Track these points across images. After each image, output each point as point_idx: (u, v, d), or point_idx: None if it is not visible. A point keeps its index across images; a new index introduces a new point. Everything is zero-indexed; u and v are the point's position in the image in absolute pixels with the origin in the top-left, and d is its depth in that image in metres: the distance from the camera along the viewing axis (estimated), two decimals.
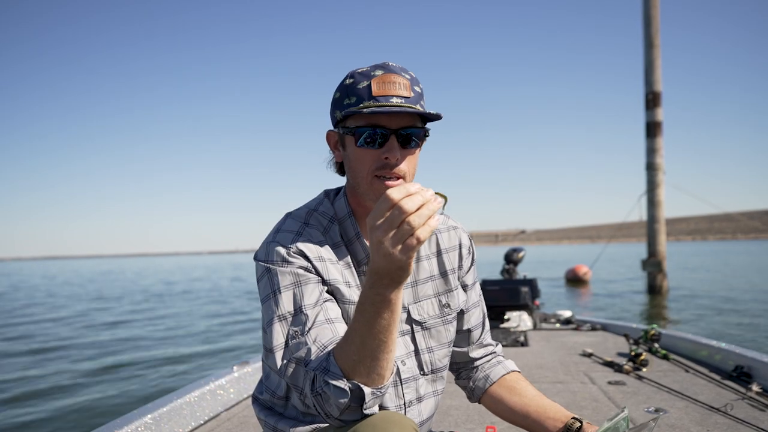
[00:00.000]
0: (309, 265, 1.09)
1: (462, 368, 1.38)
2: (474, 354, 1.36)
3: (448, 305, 1.27)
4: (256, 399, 1.27)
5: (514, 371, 1.35)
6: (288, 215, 1.20)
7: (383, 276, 0.85)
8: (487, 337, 1.39)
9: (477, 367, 1.36)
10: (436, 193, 0.83)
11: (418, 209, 0.80)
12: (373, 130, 1.07)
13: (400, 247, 0.81)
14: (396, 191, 0.81)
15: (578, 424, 1.11)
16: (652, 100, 12.68)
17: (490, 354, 1.38)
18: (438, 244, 1.29)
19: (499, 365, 1.36)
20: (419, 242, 0.81)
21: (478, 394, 1.34)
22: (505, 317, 4.50)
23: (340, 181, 1.25)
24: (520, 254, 5.74)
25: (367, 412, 0.97)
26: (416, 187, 0.81)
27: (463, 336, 1.34)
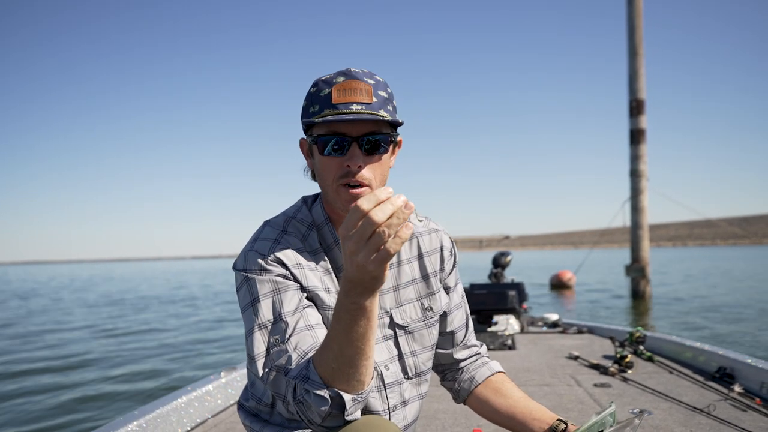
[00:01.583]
0: (287, 272, 1.09)
1: (447, 370, 1.38)
2: (458, 355, 1.36)
3: (431, 308, 1.27)
4: (241, 406, 1.27)
5: (499, 372, 1.36)
6: (266, 223, 1.20)
7: (357, 285, 0.85)
8: (472, 338, 1.39)
9: (462, 368, 1.36)
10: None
11: (388, 219, 0.78)
12: (336, 138, 1.07)
13: (372, 258, 0.80)
14: (366, 201, 0.79)
15: (563, 426, 1.12)
16: (635, 108, 12.89)
17: (475, 355, 1.38)
18: (419, 248, 1.29)
19: (484, 366, 1.36)
20: (390, 254, 0.80)
21: (463, 395, 1.34)
22: (493, 321, 4.53)
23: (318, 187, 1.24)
24: (508, 258, 5.79)
25: (349, 418, 0.98)
26: (386, 194, 0.79)
27: (447, 338, 1.34)
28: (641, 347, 3.49)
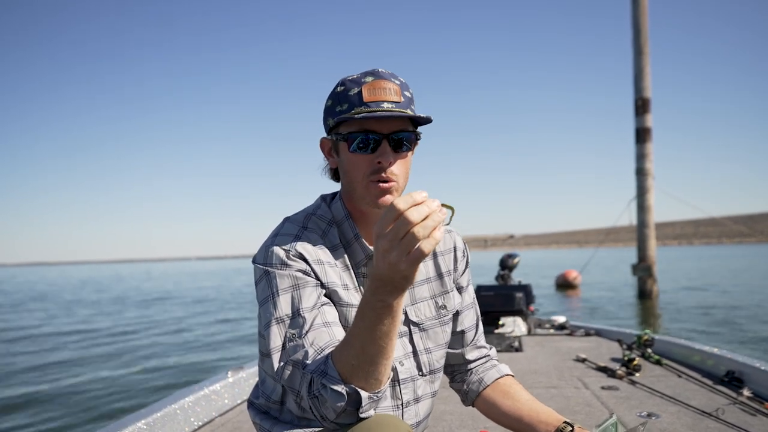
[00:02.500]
0: (307, 268, 1.10)
1: (456, 371, 1.39)
2: (469, 356, 1.37)
3: (445, 306, 1.28)
4: (251, 404, 1.27)
5: (507, 375, 1.36)
6: (286, 219, 1.21)
7: (386, 283, 0.86)
8: (481, 339, 1.40)
9: (471, 370, 1.37)
10: (442, 205, 0.83)
11: (423, 220, 0.80)
12: (366, 135, 1.09)
13: (405, 257, 0.81)
14: (402, 201, 0.81)
15: (570, 429, 1.12)
16: (641, 107, 12.83)
17: (485, 357, 1.39)
18: None
19: (493, 369, 1.37)
20: (423, 254, 0.81)
21: (471, 397, 1.35)
22: (500, 323, 4.51)
23: (335, 187, 1.27)
24: (515, 260, 5.78)
25: (363, 415, 0.98)
26: (422, 196, 0.82)
27: (458, 338, 1.36)
28: (649, 350, 3.47)
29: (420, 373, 1.23)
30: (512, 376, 1.38)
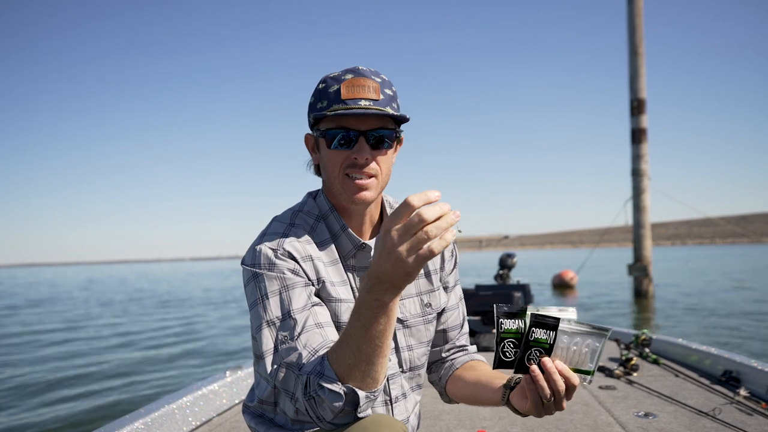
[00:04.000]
0: (296, 266, 1.10)
1: (433, 364, 1.40)
2: (446, 354, 1.38)
3: (430, 305, 1.29)
4: (246, 407, 1.27)
5: (479, 360, 1.36)
6: (274, 219, 1.21)
7: (384, 281, 0.85)
8: (463, 339, 1.40)
9: (447, 361, 1.38)
10: None
11: (436, 219, 0.80)
12: (342, 132, 1.10)
13: (414, 255, 0.81)
14: (417, 197, 0.81)
15: (519, 377, 1.09)
16: (636, 107, 12.87)
17: (463, 351, 1.40)
18: None
19: (466, 355, 1.38)
20: (432, 254, 0.80)
21: (444, 381, 1.36)
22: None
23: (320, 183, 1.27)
24: (514, 259, 5.83)
25: (360, 415, 0.99)
26: (436, 195, 0.81)
27: (439, 335, 1.36)
28: (647, 350, 3.48)
29: (400, 370, 1.24)
30: (484, 361, 1.37)
